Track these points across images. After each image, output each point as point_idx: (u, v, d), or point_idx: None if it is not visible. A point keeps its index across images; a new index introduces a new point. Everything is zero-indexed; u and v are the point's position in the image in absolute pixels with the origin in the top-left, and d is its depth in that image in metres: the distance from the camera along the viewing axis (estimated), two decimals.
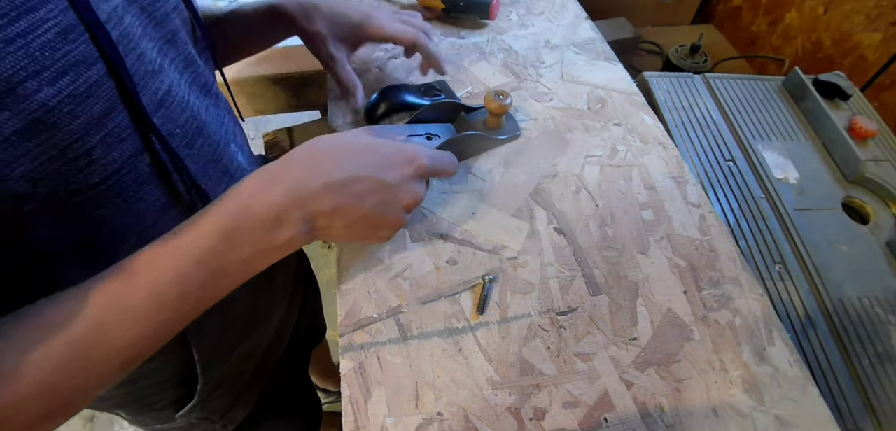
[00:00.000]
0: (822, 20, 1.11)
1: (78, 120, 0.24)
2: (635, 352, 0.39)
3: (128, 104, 0.27)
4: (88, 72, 0.24)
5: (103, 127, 0.26)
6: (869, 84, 1.00)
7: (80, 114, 0.24)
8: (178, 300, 0.27)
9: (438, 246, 0.45)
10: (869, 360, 0.48)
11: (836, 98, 0.74)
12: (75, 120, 0.24)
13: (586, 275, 0.44)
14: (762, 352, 0.40)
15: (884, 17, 0.98)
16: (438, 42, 0.67)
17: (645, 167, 0.53)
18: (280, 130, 1.23)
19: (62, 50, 0.23)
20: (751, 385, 0.38)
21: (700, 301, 0.43)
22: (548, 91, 0.61)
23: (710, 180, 0.63)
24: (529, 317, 0.41)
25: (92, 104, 0.25)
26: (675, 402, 0.37)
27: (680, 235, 0.47)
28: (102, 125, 0.26)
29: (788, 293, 0.52)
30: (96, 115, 0.25)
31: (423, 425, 0.35)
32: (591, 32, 0.71)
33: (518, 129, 0.55)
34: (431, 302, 0.41)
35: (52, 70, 0.22)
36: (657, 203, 0.50)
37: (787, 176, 0.64)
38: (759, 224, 0.58)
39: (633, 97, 0.61)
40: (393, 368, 0.38)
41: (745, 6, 1.32)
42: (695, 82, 0.76)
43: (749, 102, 0.74)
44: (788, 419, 0.37)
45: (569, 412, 0.36)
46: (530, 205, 0.49)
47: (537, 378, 0.38)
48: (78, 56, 0.24)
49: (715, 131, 0.69)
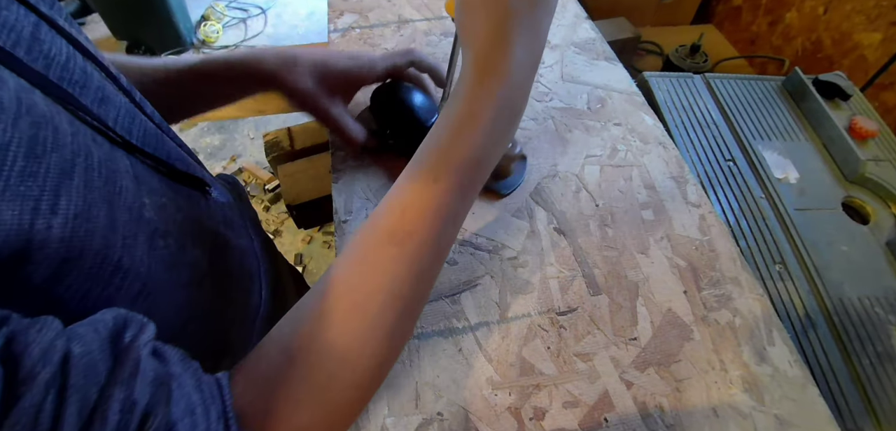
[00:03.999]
0: (822, 20, 1.11)
1: (95, 237, 0.21)
2: (635, 352, 0.39)
3: (120, 196, 0.24)
4: (73, 182, 0.20)
5: (116, 232, 0.22)
6: (869, 84, 1.00)
7: (94, 230, 0.21)
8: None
9: None
10: (869, 360, 0.48)
11: (836, 98, 0.74)
12: (93, 239, 0.21)
13: (586, 275, 0.44)
14: (762, 352, 0.40)
15: (884, 17, 0.98)
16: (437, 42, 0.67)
17: (645, 167, 0.53)
18: (280, 130, 1.24)
19: (40, 172, 0.19)
20: (751, 385, 0.38)
21: (700, 301, 0.43)
22: (548, 91, 0.61)
23: (710, 180, 0.63)
24: (529, 317, 0.41)
25: (96, 213, 0.21)
26: (675, 402, 0.37)
27: (680, 235, 0.47)
28: (114, 230, 0.22)
29: (788, 293, 0.52)
30: (106, 223, 0.22)
31: (423, 425, 0.35)
32: (591, 32, 0.71)
33: (524, 161, 0.51)
34: (431, 302, 0.41)
35: (47, 198, 0.19)
36: (657, 203, 0.50)
37: (787, 176, 0.64)
38: (759, 224, 0.58)
39: (633, 97, 0.61)
40: (393, 368, 0.38)
41: (745, 6, 1.32)
42: (695, 82, 0.76)
43: (749, 102, 0.74)
44: (788, 419, 0.37)
45: (569, 412, 0.36)
46: (530, 204, 0.49)
47: (537, 378, 0.38)
48: (58, 169, 0.20)
49: (715, 131, 0.69)
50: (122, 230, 0.23)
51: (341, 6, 0.72)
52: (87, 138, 0.23)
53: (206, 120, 1.83)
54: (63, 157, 0.20)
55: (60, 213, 0.19)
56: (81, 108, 0.23)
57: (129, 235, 0.23)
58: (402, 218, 0.27)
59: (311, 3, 2.39)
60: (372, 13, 0.70)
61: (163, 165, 0.30)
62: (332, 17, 0.70)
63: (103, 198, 0.22)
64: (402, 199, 0.28)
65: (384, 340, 0.27)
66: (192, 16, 2.14)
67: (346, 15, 0.70)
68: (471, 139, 0.27)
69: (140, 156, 0.28)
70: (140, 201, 0.25)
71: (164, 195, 0.29)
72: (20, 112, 0.18)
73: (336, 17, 0.70)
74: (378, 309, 0.26)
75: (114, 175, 0.24)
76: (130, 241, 0.23)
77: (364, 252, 0.27)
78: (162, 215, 0.28)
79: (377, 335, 0.26)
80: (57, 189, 0.19)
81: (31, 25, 0.23)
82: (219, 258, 0.35)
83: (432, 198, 0.27)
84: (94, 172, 0.22)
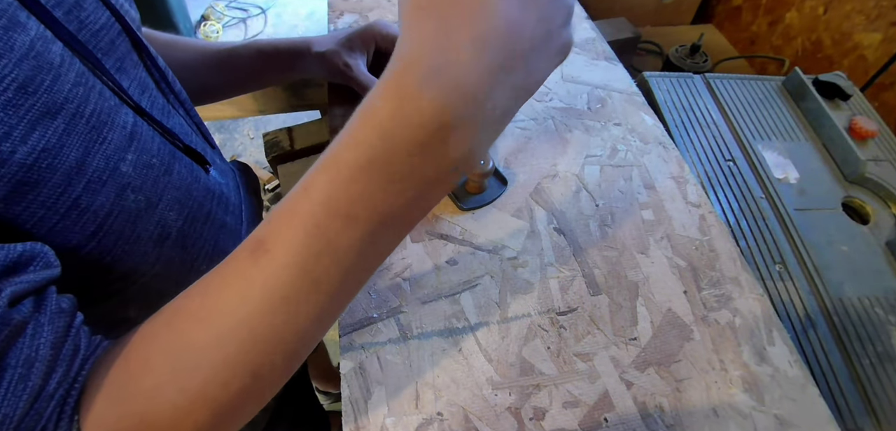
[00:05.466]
0: (822, 20, 1.11)
1: (57, 173, 0.24)
2: (635, 352, 0.39)
3: (102, 145, 0.27)
4: (55, 122, 0.24)
5: (83, 174, 0.25)
6: (869, 84, 1.00)
7: (58, 166, 0.24)
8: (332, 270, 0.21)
9: (438, 246, 0.45)
10: (869, 360, 0.48)
11: (836, 98, 0.74)
12: (54, 174, 0.23)
13: (586, 275, 0.44)
14: (762, 352, 0.40)
15: (884, 17, 0.98)
16: None
17: (645, 167, 0.53)
18: (280, 130, 1.23)
19: (24, 106, 0.22)
20: (751, 385, 0.38)
21: (700, 301, 0.43)
22: (548, 91, 0.61)
23: (710, 180, 0.63)
24: (529, 317, 0.41)
25: (67, 153, 0.24)
26: (675, 402, 0.37)
27: (680, 235, 0.47)
28: (81, 173, 0.25)
29: (788, 293, 0.52)
30: (73, 164, 0.25)
31: (423, 425, 0.35)
32: (591, 32, 0.71)
33: (504, 184, 0.50)
34: (431, 302, 0.41)
35: (21, 128, 0.22)
36: (657, 203, 0.50)
37: (787, 176, 0.64)
38: (759, 224, 0.58)
39: (633, 97, 0.61)
40: (393, 368, 0.38)
41: (745, 6, 1.32)
42: (695, 82, 0.76)
43: (749, 102, 0.74)
44: (788, 419, 0.37)
45: (569, 412, 0.36)
46: (530, 205, 0.49)
47: (537, 378, 0.38)
48: (42, 108, 0.23)
49: (715, 131, 0.69)
50: (90, 174, 0.25)
51: (341, 6, 0.72)
52: (93, 92, 0.26)
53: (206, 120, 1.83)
54: (53, 100, 0.23)
55: (29, 144, 0.22)
56: (99, 68, 0.28)
57: (95, 181, 0.26)
58: (266, 225, 0.22)
59: (311, 3, 2.39)
60: (372, 13, 0.70)
61: (167, 133, 0.34)
62: (332, 17, 0.70)
63: (81, 142, 0.25)
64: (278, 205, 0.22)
65: (215, 376, 0.21)
66: (192, 16, 2.14)
67: (346, 15, 0.70)
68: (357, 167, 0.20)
69: (147, 120, 0.32)
70: (121, 156, 0.28)
71: (159, 157, 0.32)
72: (27, 54, 0.22)
73: (336, 17, 0.70)
74: (215, 336, 0.21)
75: (103, 127, 0.27)
76: (96, 186, 0.26)
77: (226, 261, 0.22)
78: (142, 173, 0.30)
79: (213, 359, 0.21)
80: (34, 123, 0.22)
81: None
82: (194, 226, 0.37)
83: (301, 209, 0.21)
84: (82, 120, 0.25)
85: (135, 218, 0.30)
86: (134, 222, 0.30)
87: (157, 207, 0.32)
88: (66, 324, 0.22)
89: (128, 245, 0.30)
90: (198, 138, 0.41)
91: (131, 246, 0.30)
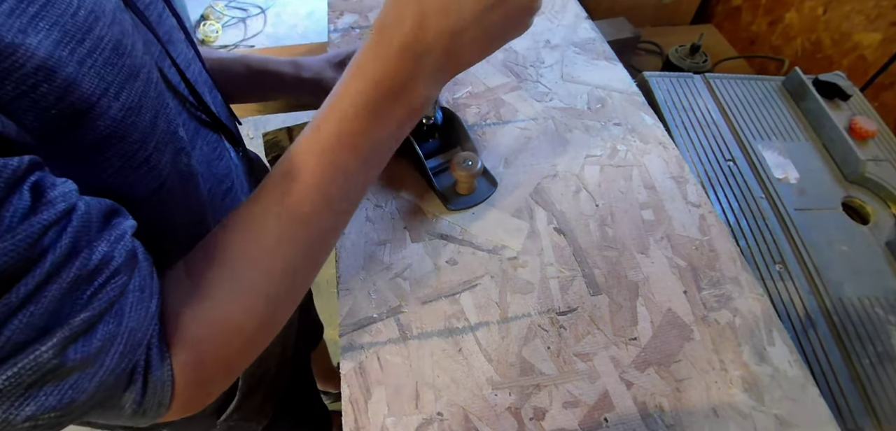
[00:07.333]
0: (821, 20, 1.11)
1: (137, 130, 0.26)
2: (635, 352, 0.39)
3: (165, 109, 0.29)
4: (136, 83, 0.26)
5: (153, 135, 0.27)
6: (869, 84, 1.00)
7: (138, 124, 0.26)
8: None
9: (438, 246, 0.45)
10: (869, 360, 0.48)
11: (836, 98, 0.74)
12: (136, 130, 0.26)
13: (586, 275, 0.44)
14: (762, 352, 0.40)
15: (884, 17, 0.98)
16: None
17: (645, 167, 0.53)
18: (280, 130, 1.23)
19: (118, 65, 0.24)
20: (751, 385, 0.38)
21: (700, 301, 0.43)
22: (548, 91, 0.61)
23: (710, 180, 0.63)
24: (529, 317, 0.41)
25: (144, 113, 0.26)
26: (675, 402, 0.37)
27: (680, 235, 0.47)
28: (152, 133, 0.27)
29: (788, 293, 0.52)
30: (148, 123, 0.27)
31: (423, 425, 0.35)
32: (591, 32, 0.71)
33: (494, 186, 0.50)
34: (431, 302, 0.41)
35: (115, 85, 0.24)
36: (657, 203, 0.50)
37: (787, 176, 0.64)
38: (759, 224, 0.58)
39: (633, 97, 0.61)
40: (393, 368, 0.38)
41: (745, 6, 1.32)
42: (695, 82, 0.76)
43: (749, 102, 0.74)
44: (788, 419, 0.37)
45: (569, 412, 0.36)
46: (530, 205, 0.49)
47: (537, 378, 0.38)
48: (128, 69, 0.25)
49: (715, 131, 0.69)
50: (158, 136, 0.28)
51: (341, 6, 0.72)
52: (152, 61, 0.29)
53: None
54: (134, 64, 0.26)
55: (121, 100, 0.24)
56: (157, 38, 0.32)
57: (161, 142, 0.28)
58: (287, 160, 0.29)
59: (311, 3, 2.38)
60: (372, 13, 0.70)
61: (207, 110, 0.38)
62: (332, 17, 0.70)
63: (153, 105, 0.28)
64: (294, 147, 0.30)
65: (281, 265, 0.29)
66: (192, 15, 2.13)
67: (346, 15, 0.70)
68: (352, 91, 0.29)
69: (192, 93, 0.36)
70: (178, 121, 0.31)
71: (191, 128, 0.36)
72: (114, 19, 0.25)
73: (336, 17, 0.70)
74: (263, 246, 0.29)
75: (164, 94, 0.30)
76: (162, 147, 0.29)
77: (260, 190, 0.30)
78: (191, 140, 0.35)
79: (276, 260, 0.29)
80: (124, 83, 0.25)
81: None
82: (214, 199, 0.40)
83: (316, 146, 0.29)
84: (151, 85, 0.28)
85: (186, 179, 0.33)
86: (184, 183, 0.32)
87: (197, 173, 0.35)
88: (151, 261, 0.26)
89: (180, 201, 0.32)
90: (229, 120, 0.45)
91: (181, 202, 0.33)
